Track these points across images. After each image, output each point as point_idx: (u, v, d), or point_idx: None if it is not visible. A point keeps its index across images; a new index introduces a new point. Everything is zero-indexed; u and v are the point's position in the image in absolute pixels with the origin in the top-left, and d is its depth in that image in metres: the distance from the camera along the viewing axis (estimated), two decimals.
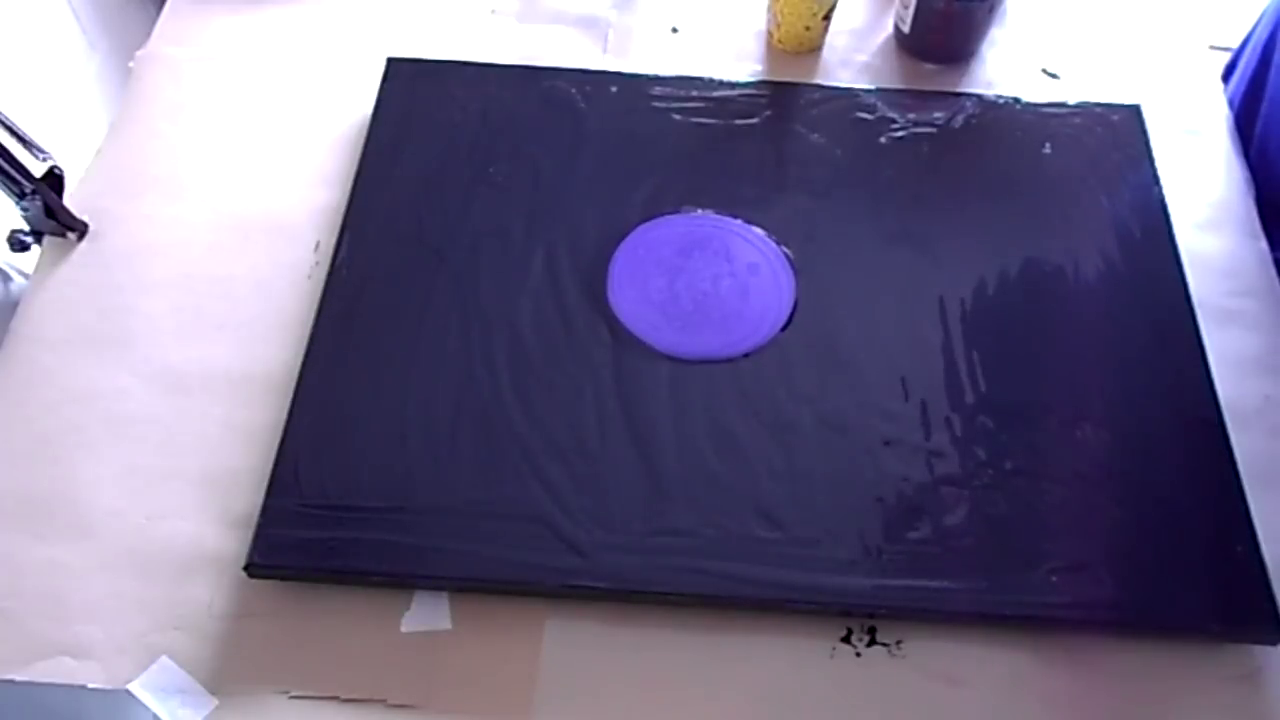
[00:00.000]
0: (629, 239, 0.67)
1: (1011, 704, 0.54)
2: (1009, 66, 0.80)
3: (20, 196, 0.65)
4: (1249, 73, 0.78)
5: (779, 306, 0.64)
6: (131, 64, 0.78)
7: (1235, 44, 0.84)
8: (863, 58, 0.80)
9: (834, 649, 0.55)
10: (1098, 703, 0.54)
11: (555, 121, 0.72)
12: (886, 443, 0.59)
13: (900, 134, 0.72)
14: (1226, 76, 0.82)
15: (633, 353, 0.62)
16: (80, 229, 0.68)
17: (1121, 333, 0.64)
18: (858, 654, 0.55)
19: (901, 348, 0.63)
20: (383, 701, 0.53)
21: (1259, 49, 0.78)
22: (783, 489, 0.57)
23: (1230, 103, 0.78)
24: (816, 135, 0.72)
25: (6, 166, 0.63)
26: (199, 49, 0.78)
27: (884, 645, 0.55)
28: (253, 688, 0.53)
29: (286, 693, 0.53)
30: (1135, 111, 0.74)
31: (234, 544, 0.57)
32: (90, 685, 0.53)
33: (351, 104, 0.75)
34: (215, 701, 0.53)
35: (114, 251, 0.68)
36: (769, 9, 0.79)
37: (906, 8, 0.77)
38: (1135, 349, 0.63)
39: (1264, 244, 0.70)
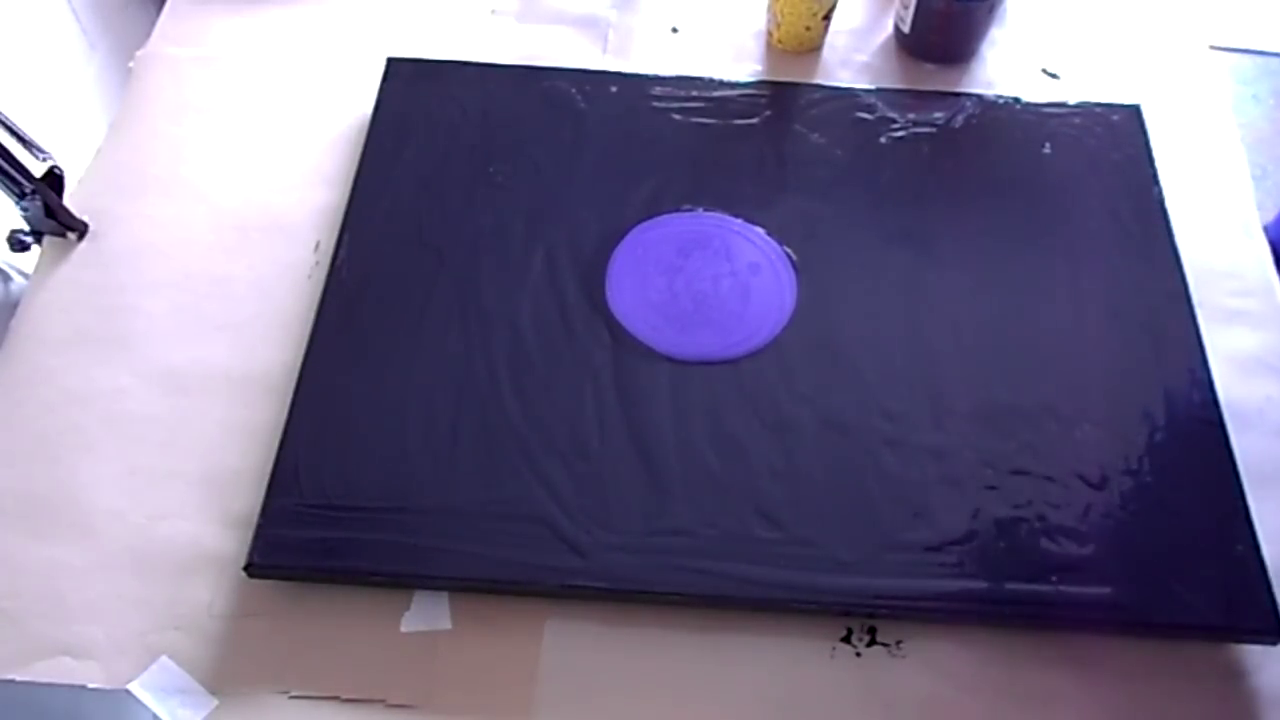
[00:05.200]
0: (628, 239, 0.67)
1: (1012, 704, 0.54)
2: (1009, 66, 0.80)
3: (20, 196, 0.65)
4: None
5: (780, 306, 0.64)
6: (131, 64, 0.78)
7: (1235, 44, 0.83)
8: (863, 58, 0.80)
9: (834, 649, 0.55)
10: (1098, 703, 0.54)
11: (555, 121, 0.72)
12: (886, 443, 0.59)
13: (900, 134, 0.72)
14: None
15: (632, 353, 0.62)
16: (80, 229, 0.68)
17: (1121, 333, 0.64)
18: (858, 654, 0.55)
19: (902, 347, 0.63)
20: (383, 701, 0.53)
21: None
22: (783, 489, 0.57)
23: None
24: (816, 135, 0.72)
25: (6, 166, 0.63)
26: (199, 49, 0.78)
27: (884, 645, 0.55)
28: (253, 688, 0.53)
29: (286, 693, 0.53)
30: (1135, 111, 0.74)
31: (234, 544, 0.57)
32: (90, 685, 0.53)
33: (351, 104, 0.75)
34: (215, 701, 0.53)
35: (114, 251, 0.68)
36: (769, 9, 0.79)
37: (906, 8, 0.77)
38: (1135, 349, 0.63)
39: (1264, 244, 0.70)
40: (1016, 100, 0.74)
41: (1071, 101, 0.74)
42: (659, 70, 0.75)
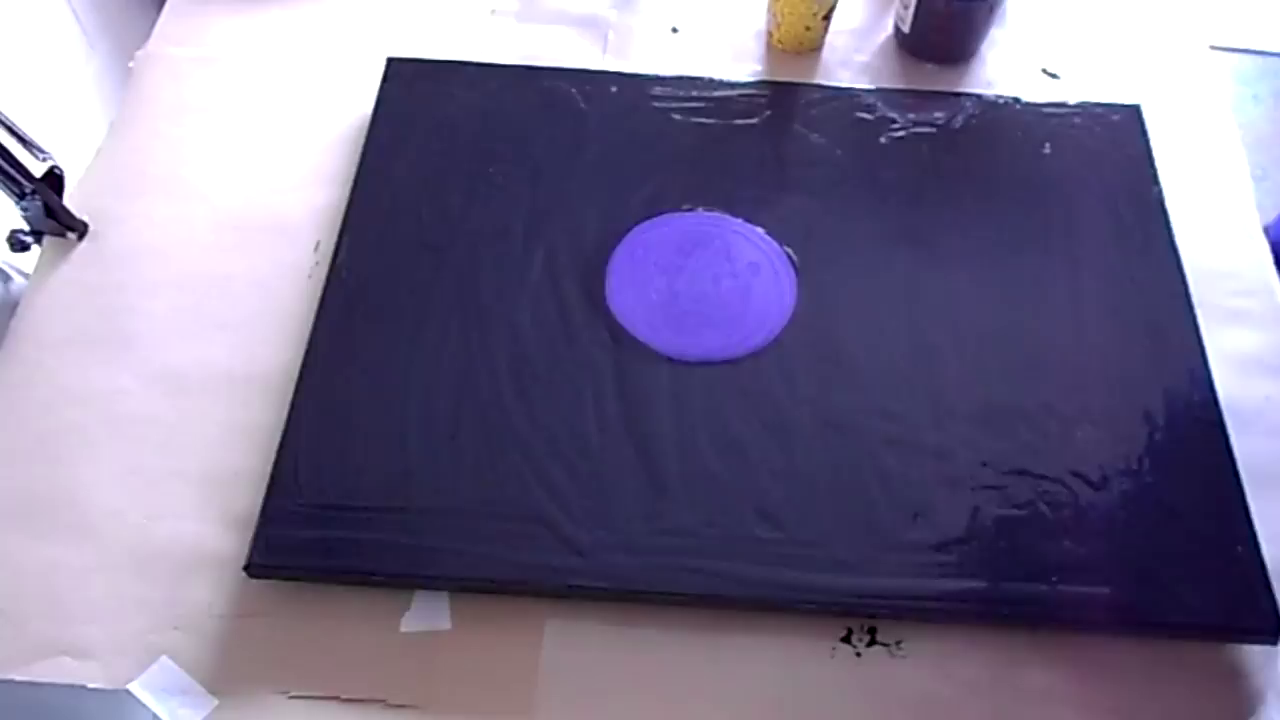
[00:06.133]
0: (629, 239, 0.67)
1: (1012, 704, 0.54)
2: (1009, 66, 0.80)
3: (20, 196, 0.65)
4: None
5: (780, 306, 0.64)
6: (131, 64, 0.78)
7: (1235, 44, 0.83)
8: (863, 58, 0.80)
9: (834, 649, 0.55)
10: (1098, 703, 0.54)
11: (555, 121, 0.72)
12: (887, 443, 0.59)
13: (900, 134, 0.72)
14: None
15: (633, 353, 0.62)
16: (80, 229, 0.68)
17: (1121, 333, 0.64)
18: (858, 654, 0.55)
19: (902, 347, 0.63)
20: (383, 701, 0.53)
21: None
22: (783, 489, 0.57)
23: None
24: (816, 135, 0.72)
25: (6, 166, 0.63)
26: (199, 49, 0.78)
27: (884, 645, 0.55)
28: (253, 688, 0.53)
29: (286, 693, 0.53)
30: (1135, 111, 0.74)
31: (234, 544, 0.57)
32: (90, 685, 0.53)
33: (351, 104, 0.75)
34: (215, 701, 0.53)
35: (114, 251, 0.68)
36: (769, 9, 0.79)
37: (906, 8, 0.77)
38: (1135, 349, 0.63)
39: (1264, 244, 0.70)
40: (1016, 100, 0.74)
41: (1071, 101, 0.74)
42: (659, 70, 0.75)
